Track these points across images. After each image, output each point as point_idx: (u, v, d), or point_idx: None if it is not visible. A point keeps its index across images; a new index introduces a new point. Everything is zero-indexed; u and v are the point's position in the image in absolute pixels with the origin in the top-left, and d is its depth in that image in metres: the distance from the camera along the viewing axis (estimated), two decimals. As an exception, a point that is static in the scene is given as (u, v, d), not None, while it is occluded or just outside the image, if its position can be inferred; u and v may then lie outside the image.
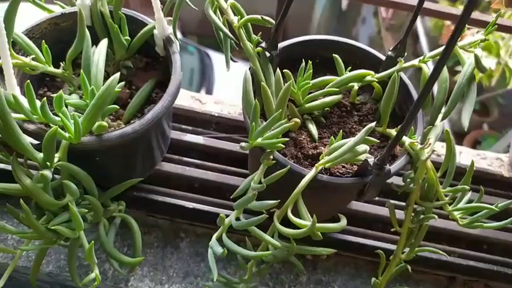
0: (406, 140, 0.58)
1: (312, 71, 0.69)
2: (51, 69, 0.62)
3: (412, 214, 0.61)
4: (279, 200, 0.50)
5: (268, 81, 0.61)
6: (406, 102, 0.64)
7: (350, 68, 0.64)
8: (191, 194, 0.79)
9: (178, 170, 0.79)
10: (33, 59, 0.60)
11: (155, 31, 0.65)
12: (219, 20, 0.61)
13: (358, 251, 0.77)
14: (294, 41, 0.66)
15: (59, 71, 0.64)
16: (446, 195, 0.60)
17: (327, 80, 0.64)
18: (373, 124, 0.53)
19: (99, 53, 0.59)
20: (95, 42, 0.69)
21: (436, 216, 0.58)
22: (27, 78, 0.62)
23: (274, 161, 0.52)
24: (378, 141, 0.55)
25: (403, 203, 0.77)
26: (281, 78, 0.57)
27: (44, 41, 0.63)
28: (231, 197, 0.54)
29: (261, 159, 0.53)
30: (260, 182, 0.53)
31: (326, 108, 0.63)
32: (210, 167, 0.82)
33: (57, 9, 0.72)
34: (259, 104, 0.56)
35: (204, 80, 2.66)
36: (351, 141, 0.52)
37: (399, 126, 0.48)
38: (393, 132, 0.61)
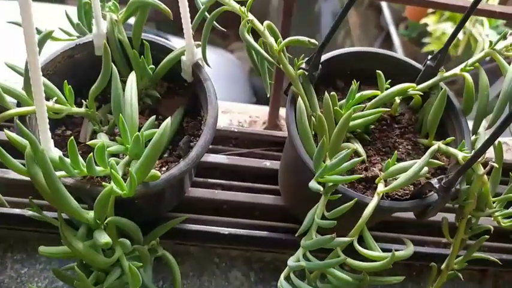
0: (457, 153, 0.57)
1: (343, 84, 0.68)
2: (76, 109, 0.57)
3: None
4: (353, 238, 0.49)
5: (311, 103, 0.59)
6: (447, 112, 0.62)
7: (390, 81, 0.62)
8: (222, 217, 0.76)
9: (207, 195, 0.75)
10: (56, 102, 0.54)
11: (183, 57, 0.60)
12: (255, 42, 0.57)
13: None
14: (328, 57, 0.64)
15: (82, 110, 0.58)
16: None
17: (366, 94, 0.62)
18: (436, 146, 0.51)
19: (130, 90, 0.54)
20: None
21: (492, 228, 0.58)
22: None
23: (340, 195, 0.50)
24: (443, 163, 0.54)
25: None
26: (330, 101, 0.55)
27: (60, 77, 0.58)
28: (296, 235, 0.52)
29: (322, 192, 0.51)
30: (323, 216, 0.50)
31: (371, 126, 0.61)
32: (237, 186, 0.79)
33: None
34: (310, 131, 0.54)
35: None
36: (415, 165, 0.51)
37: (473, 151, 0.47)
38: (440, 144, 0.60)
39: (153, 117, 0.58)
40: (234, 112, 1.01)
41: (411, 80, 0.65)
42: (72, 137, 0.44)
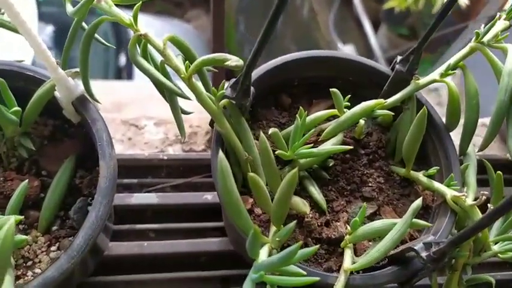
0: (445, 191, 0.43)
1: (290, 100, 0.52)
2: None
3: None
4: None
5: (245, 142, 0.42)
6: (427, 130, 0.47)
7: (349, 96, 0.46)
8: (158, 273, 0.60)
9: (133, 250, 0.59)
10: None
11: (57, 94, 0.42)
12: (152, 65, 0.40)
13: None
14: (267, 68, 0.47)
15: None
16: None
17: (320, 116, 0.46)
18: (419, 202, 0.36)
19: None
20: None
21: (494, 281, 0.45)
22: None
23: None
24: (430, 224, 0.40)
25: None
26: (267, 144, 0.38)
27: None
28: None
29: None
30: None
31: (330, 161, 0.46)
32: (174, 229, 0.63)
33: None
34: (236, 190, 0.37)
35: (121, 42, 2.37)
36: (393, 231, 0.36)
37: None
38: (421, 176, 0.46)
39: (24, 183, 0.40)
40: (169, 123, 0.83)
41: (377, 88, 0.50)
42: None
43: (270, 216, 0.39)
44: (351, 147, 0.43)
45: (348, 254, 0.39)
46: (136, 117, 0.83)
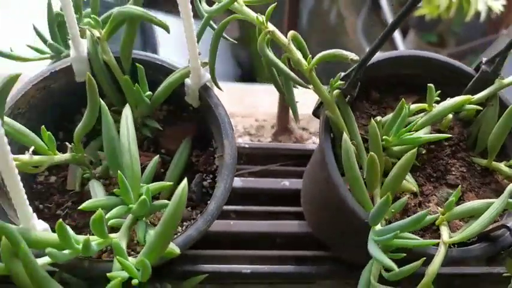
0: (527, 179, 0.48)
1: (379, 95, 0.57)
2: (59, 158, 0.45)
3: None
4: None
5: (350, 129, 0.48)
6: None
7: (439, 92, 0.51)
8: (240, 250, 0.66)
9: (222, 227, 0.65)
10: (33, 152, 0.43)
11: (188, 80, 0.48)
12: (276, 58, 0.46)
13: None
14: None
15: (68, 156, 0.47)
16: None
17: (413, 109, 0.51)
18: (515, 185, 0.41)
19: (127, 133, 0.43)
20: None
21: None
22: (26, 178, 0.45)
23: (404, 254, 0.40)
24: None
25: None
26: (377, 130, 0.44)
27: (36, 114, 0.47)
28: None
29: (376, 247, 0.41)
30: (381, 277, 0.41)
31: (421, 150, 0.51)
32: (254, 212, 0.69)
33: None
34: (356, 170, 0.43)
35: (146, 43, 2.43)
36: (491, 209, 0.41)
37: None
38: (502, 166, 0.51)
39: (156, 158, 0.47)
40: (237, 116, 0.89)
41: (458, 86, 0.55)
42: (60, 220, 0.33)
43: (374, 195, 0.44)
44: (450, 135, 0.48)
45: (445, 230, 0.44)
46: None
